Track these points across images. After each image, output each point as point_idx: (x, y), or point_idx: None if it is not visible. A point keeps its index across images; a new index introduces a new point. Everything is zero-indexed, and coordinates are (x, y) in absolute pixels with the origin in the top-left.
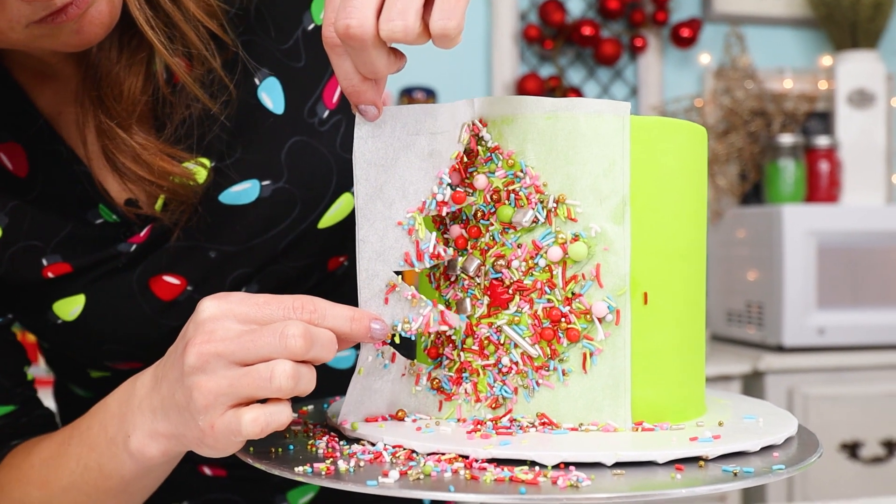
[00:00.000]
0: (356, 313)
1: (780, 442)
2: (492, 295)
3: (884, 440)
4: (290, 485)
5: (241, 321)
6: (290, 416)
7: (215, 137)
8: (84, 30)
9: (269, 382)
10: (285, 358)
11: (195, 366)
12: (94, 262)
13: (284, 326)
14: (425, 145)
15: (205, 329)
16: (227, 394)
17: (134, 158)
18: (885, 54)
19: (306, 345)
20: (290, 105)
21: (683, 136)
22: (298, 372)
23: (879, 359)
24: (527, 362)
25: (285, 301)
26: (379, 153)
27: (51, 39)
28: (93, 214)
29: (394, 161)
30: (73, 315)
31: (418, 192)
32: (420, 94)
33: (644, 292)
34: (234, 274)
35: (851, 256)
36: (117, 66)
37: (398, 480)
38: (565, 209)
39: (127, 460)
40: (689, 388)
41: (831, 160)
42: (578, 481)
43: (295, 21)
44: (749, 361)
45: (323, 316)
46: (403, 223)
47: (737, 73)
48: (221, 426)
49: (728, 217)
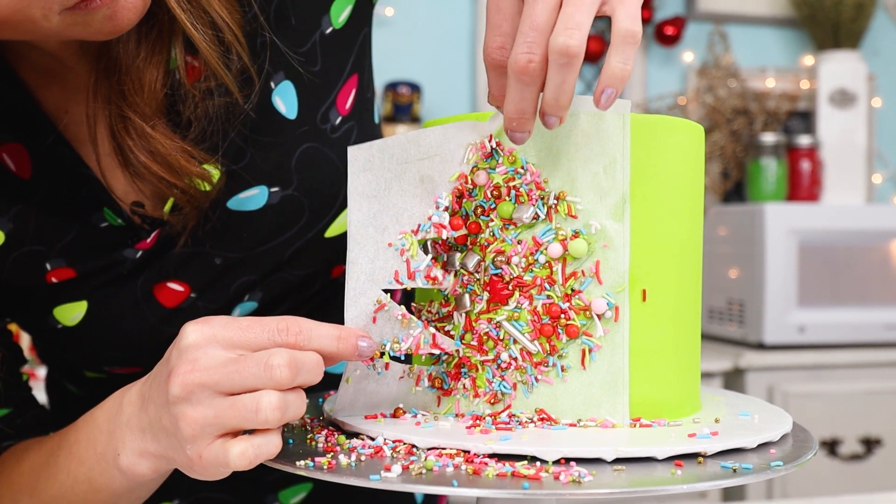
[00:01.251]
0: (342, 332)
1: (777, 439)
2: (491, 291)
3: (862, 438)
4: (281, 485)
5: (225, 347)
6: (280, 445)
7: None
8: (117, 15)
9: (256, 415)
10: (271, 388)
11: (180, 396)
12: (99, 267)
13: (269, 356)
14: (415, 172)
15: (188, 357)
16: (213, 424)
17: (152, 154)
18: (866, 54)
19: (292, 374)
20: (303, 110)
21: (682, 135)
22: (285, 401)
23: (859, 357)
24: (526, 358)
25: (269, 324)
26: (371, 185)
27: (84, 27)
28: (97, 218)
29: (386, 191)
30: (74, 321)
31: (413, 217)
32: (405, 89)
33: (642, 289)
34: (238, 281)
35: (832, 255)
36: (138, 59)
37: (401, 475)
38: (566, 206)
39: (117, 476)
40: (686, 384)
41: (813, 159)
42: (580, 476)
43: (313, 24)
44: (730, 359)
45: (309, 338)
46: (395, 244)
47: (720, 72)
48: (209, 457)
49: (710, 215)
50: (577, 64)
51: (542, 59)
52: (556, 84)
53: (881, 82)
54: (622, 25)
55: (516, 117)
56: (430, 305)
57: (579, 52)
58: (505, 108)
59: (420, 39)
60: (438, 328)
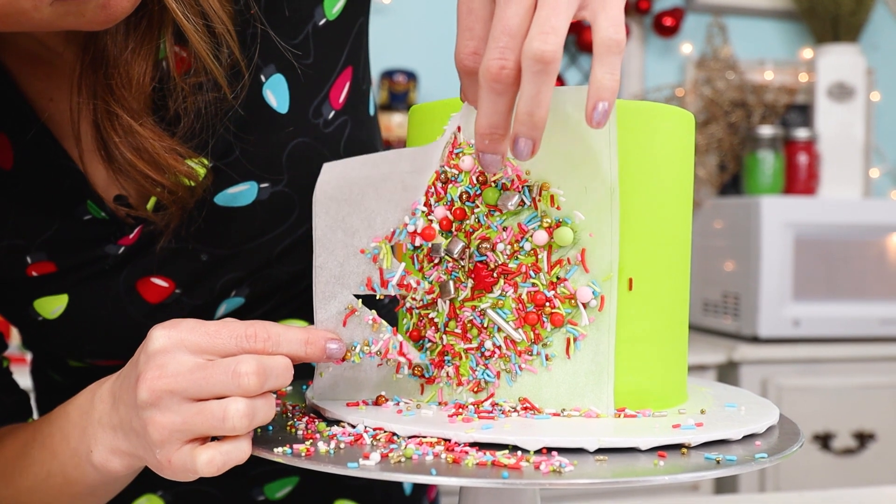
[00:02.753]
0: (311, 335)
1: (762, 431)
2: (476, 278)
3: (855, 432)
4: (267, 478)
5: (193, 352)
6: (248, 451)
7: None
8: (111, 4)
9: (223, 423)
10: (239, 395)
11: (148, 401)
12: (80, 262)
13: (237, 363)
14: (398, 181)
15: (156, 362)
16: (181, 430)
17: (138, 152)
18: (865, 48)
19: (259, 381)
20: (295, 104)
21: (671, 122)
22: (253, 408)
23: (853, 351)
24: (510, 346)
25: (238, 329)
26: (343, 190)
27: (76, 17)
28: (80, 211)
29: (360, 196)
30: (55, 314)
31: (387, 223)
32: (401, 77)
33: (629, 278)
34: (225, 277)
35: (828, 249)
36: (126, 51)
37: (379, 463)
38: (549, 196)
39: (91, 471)
40: (672, 375)
41: (810, 153)
42: (561, 466)
43: (306, 15)
44: (724, 351)
45: (277, 343)
46: (367, 251)
47: (718, 64)
48: (178, 462)
49: (706, 207)
50: (553, 72)
51: (515, 66)
52: (531, 94)
53: (880, 76)
54: (604, 34)
55: (488, 133)
56: (414, 292)
57: (555, 58)
58: (476, 124)
59: (417, 28)
60: (422, 315)
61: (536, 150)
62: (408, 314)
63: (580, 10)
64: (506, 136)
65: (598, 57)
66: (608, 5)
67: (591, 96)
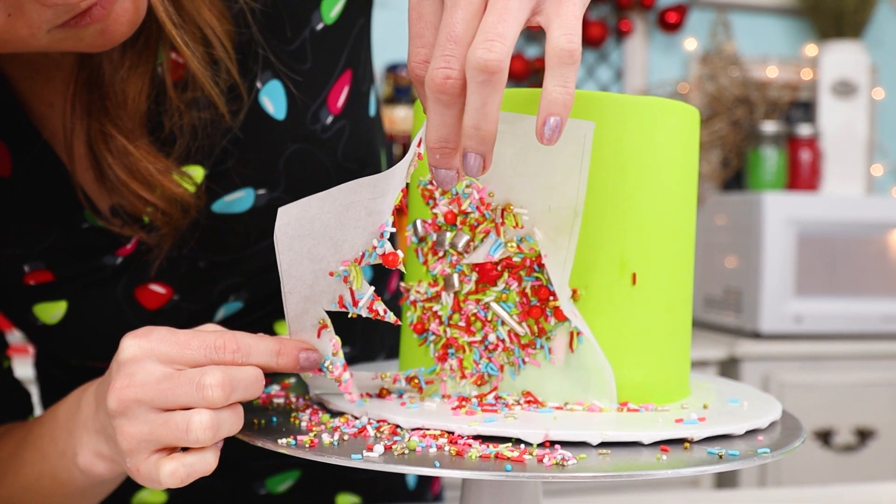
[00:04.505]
0: (283, 346)
1: (765, 426)
2: (480, 271)
3: (856, 428)
4: (269, 472)
5: (163, 362)
6: (214, 462)
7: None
8: (109, 29)
9: (187, 434)
10: (203, 407)
11: (116, 410)
12: (78, 272)
13: (202, 375)
14: (361, 209)
15: (125, 371)
16: (148, 440)
17: (131, 172)
18: (869, 45)
19: (225, 393)
20: (292, 110)
21: (676, 117)
22: (218, 420)
23: (855, 348)
24: (513, 340)
25: (207, 340)
26: (304, 228)
27: (75, 42)
28: (78, 219)
29: (323, 229)
30: (55, 319)
31: (354, 247)
32: (405, 71)
33: (633, 273)
34: (223, 283)
35: (830, 245)
36: (122, 70)
37: (383, 455)
38: (512, 218)
39: (77, 474)
40: (675, 369)
41: (813, 149)
42: (564, 460)
43: (303, 20)
44: (725, 347)
45: (247, 354)
46: (336, 273)
47: (722, 60)
48: (144, 471)
49: (709, 203)
50: (499, 82)
51: (461, 76)
52: (476, 106)
53: (883, 73)
54: (556, 44)
55: (438, 147)
56: (418, 286)
57: (500, 67)
58: (426, 137)
59: None
60: (426, 308)
61: (488, 165)
62: (412, 307)
63: (534, 15)
64: (458, 150)
65: (549, 68)
66: (563, 12)
67: (541, 110)
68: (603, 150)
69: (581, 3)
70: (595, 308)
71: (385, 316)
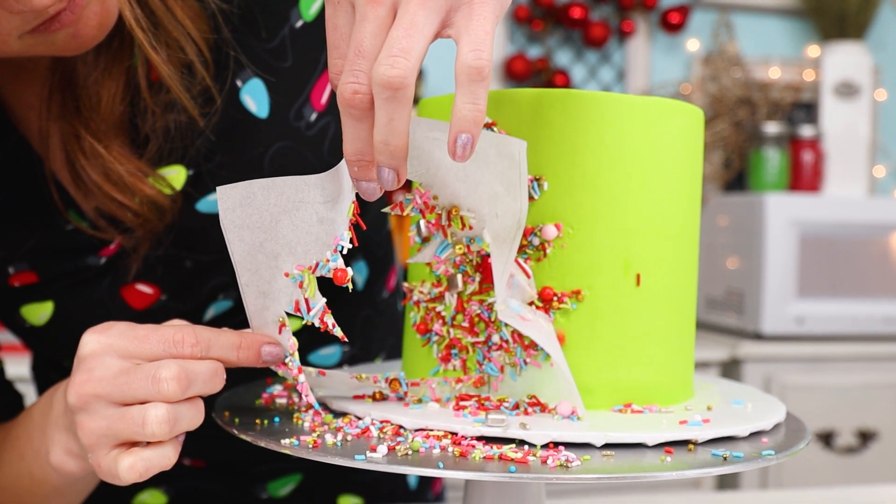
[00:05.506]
0: (244, 340)
1: (769, 428)
2: (484, 272)
3: (858, 430)
4: (270, 476)
5: (122, 357)
6: (173, 457)
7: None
8: (80, 33)
9: (143, 428)
10: (159, 401)
11: (77, 406)
12: (62, 272)
13: (158, 369)
14: (313, 213)
15: (85, 367)
16: (107, 435)
17: (105, 175)
18: (872, 46)
19: (180, 387)
20: (275, 108)
21: (681, 118)
22: (175, 414)
23: (856, 349)
24: (517, 340)
25: (167, 334)
26: (252, 217)
27: (47, 46)
28: (63, 220)
29: (273, 223)
30: (42, 320)
31: (308, 254)
32: None
33: (637, 273)
34: (211, 283)
35: (832, 247)
36: (96, 72)
37: (386, 456)
38: (459, 220)
39: (51, 473)
40: (679, 371)
41: (815, 150)
42: (568, 461)
43: (281, 18)
44: (727, 348)
45: (206, 347)
46: (292, 276)
47: (724, 61)
48: (105, 466)
49: (711, 204)
50: (405, 98)
51: (370, 90)
52: (383, 122)
53: (886, 75)
54: (463, 61)
55: (355, 160)
56: (421, 286)
57: (404, 83)
58: (343, 151)
59: None
60: (430, 309)
61: (402, 178)
62: (415, 307)
63: (444, 28)
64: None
65: (458, 85)
66: (473, 26)
67: (451, 127)
68: (607, 150)
69: (493, 17)
70: (599, 309)
71: (333, 330)
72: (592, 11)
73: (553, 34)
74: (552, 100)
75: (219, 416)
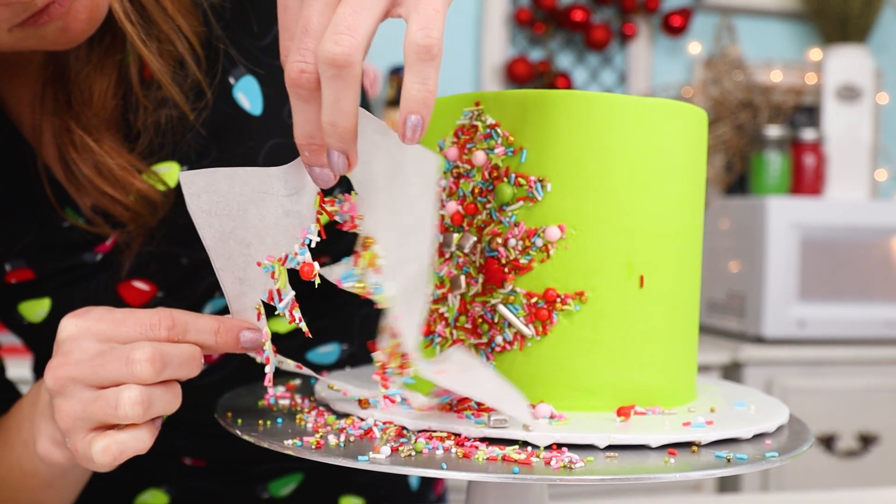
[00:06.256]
0: (223, 324)
1: (773, 430)
2: (487, 273)
3: (859, 434)
4: (272, 476)
5: (100, 340)
6: (148, 441)
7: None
8: (70, 27)
9: (116, 410)
10: (133, 383)
11: (54, 389)
12: (59, 269)
13: (132, 350)
14: (278, 205)
15: (62, 350)
16: (82, 418)
17: (96, 168)
18: (874, 49)
19: (154, 368)
20: (269, 105)
21: (684, 119)
22: (149, 396)
23: (858, 353)
24: (520, 342)
25: (143, 317)
26: (219, 205)
27: (37, 40)
28: (59, 218)
29: (241, 211)
30: (40, 317)
31: (278, 245)
32: None
33: (640, 275)
34: (207, 280)
35: (834, 250)
36: (88, 66)
37: (389, 457)
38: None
39: (39, 463)
40: (682, 372)
41: (817, 154)
42: (572, 462)
43: (273, 15)
44: (728, 352)
45: (184, 331)
46: (264, 266)
47: (726, 64)
48: (80, 450)
49: (712, 207)
50: (351, 76)
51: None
52: (329, 102)
53: (888, 78)
54: (412, 39)
55: (305, 144)
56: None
57: (349, 61)
58: (294, 135)
59: None
60: (433, 310)
61: (353, 163)
62: None
63: (394, 6)
64: (325, 146)
65: (407, 65)
66: (422, 5)
67: (401, 109)
68: (610, 151)
69: None
70: (602, 311)
71: (300, 324)
72: (594, 14)
73: (554, 37)
74: (556, 101)
75: (221, 418)
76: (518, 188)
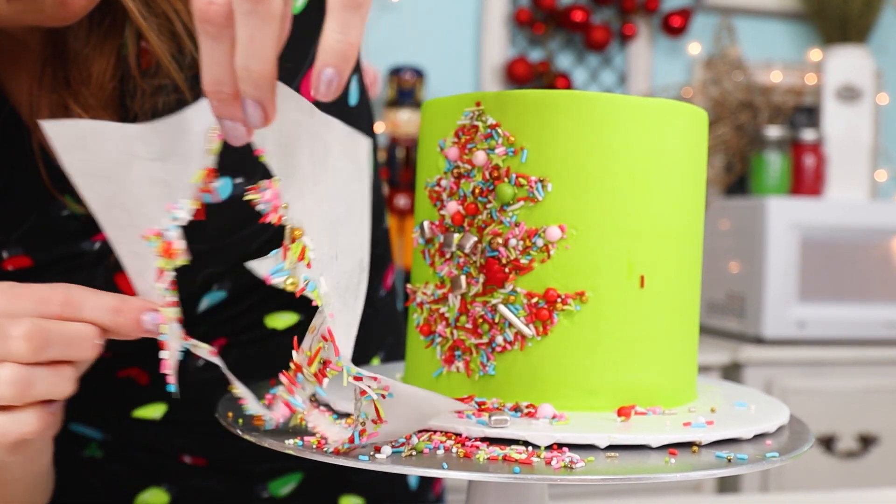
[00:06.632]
0: (123, 304)
1: (773, 430)
2: (488, 273)
3: (859, 435)
4: (271, 475)
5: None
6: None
7: None
8: (68, 1)
9: None
10: (10, 362)
11: None
12: (57, 258)
13: (9, 326)
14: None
15: None
16: None
17: None
18: (874, 50)
19: (32, 346)
20: None
21: (685, 119)
22: (28, 377)
23: (858, 354)
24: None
25: (38, 293)
26: (93, 165)
27: (35, 14)
28: (58, 206)
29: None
30: None
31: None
32: (408, 74)
33: (641, 275)
34: (204, 272)
35: (834, 251)
36: (87, 48)
37: (390, 456)
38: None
39: None
40: (682, 372)
41: (817, 154)
42: (573, 462)
43: None
44: (728, 352)
45: (79, 307)
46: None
47: (726, 65)
48: None
49: (712, 208)
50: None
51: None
52: (244, 42)
53: (888, 79)
54: None
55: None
56: (425, 287)
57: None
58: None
59: (424, 24)
60: (433, 310)
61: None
62: (418, 309)
63: None
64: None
65: (329, 12)
66: None
67: (318, 60)
68: (611, 151)
69: None
70: (602, 310)
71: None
72: (594, 15)
73: (554, 37)
74: (557, 101)
75: (222, 417)
76: (519, 188)
